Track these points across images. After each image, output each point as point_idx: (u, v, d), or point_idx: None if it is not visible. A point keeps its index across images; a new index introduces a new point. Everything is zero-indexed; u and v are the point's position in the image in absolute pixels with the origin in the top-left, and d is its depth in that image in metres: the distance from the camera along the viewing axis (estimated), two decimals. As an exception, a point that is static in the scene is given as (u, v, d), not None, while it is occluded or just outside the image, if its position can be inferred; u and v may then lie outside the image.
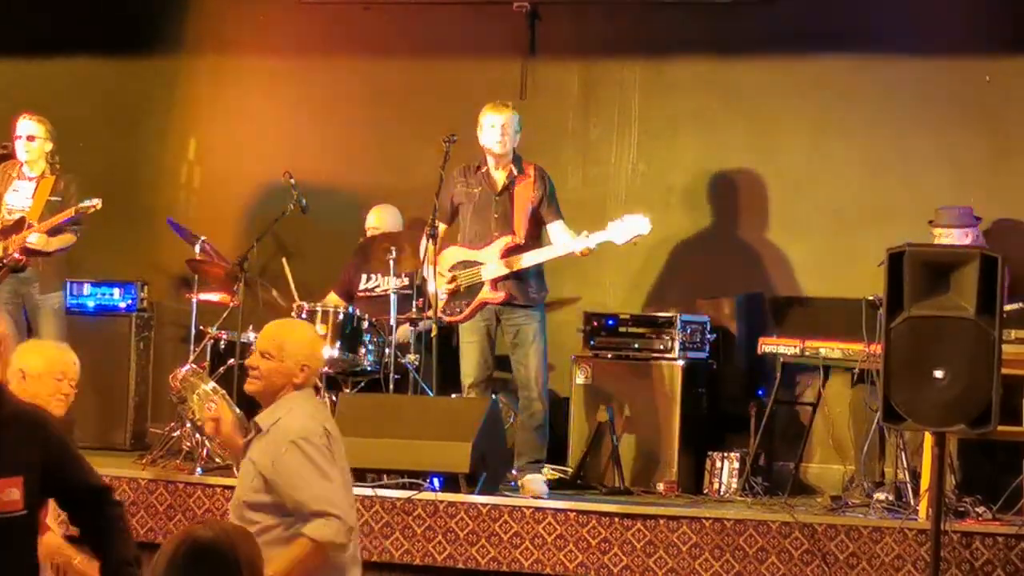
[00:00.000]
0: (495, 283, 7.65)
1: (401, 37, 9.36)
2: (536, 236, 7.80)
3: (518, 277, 7.66)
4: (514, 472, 7.78)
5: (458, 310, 7.74)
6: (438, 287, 7.73)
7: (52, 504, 4.84)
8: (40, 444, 4.00)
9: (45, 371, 5.08)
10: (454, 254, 7.82)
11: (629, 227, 7.59)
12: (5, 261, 8.28)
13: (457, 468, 7.18)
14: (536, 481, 7.45)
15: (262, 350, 4.83)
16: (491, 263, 7.68)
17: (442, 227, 7.84)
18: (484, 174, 7.79)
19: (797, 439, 8.11)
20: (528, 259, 7.65)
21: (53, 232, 8.27)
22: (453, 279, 7.74)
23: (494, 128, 7.68)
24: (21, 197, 8.42)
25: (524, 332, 7.64)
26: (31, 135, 8.40)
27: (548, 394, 7.77)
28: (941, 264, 6.11)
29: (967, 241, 7.63)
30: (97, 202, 8.17)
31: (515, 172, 7.74)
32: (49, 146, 8.44)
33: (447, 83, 9.26)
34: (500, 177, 7.76)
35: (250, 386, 4.86)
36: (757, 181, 8.86)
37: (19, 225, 8.30)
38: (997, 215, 8.11)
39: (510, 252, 7.67)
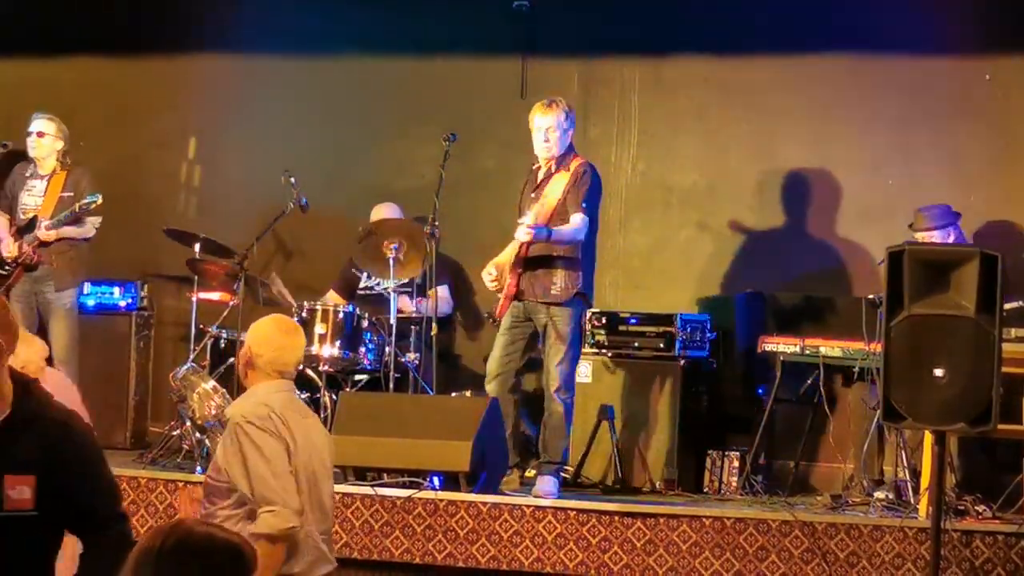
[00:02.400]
0: (515, 277, 7.46)
1: (401, 37, 9.36)
2: None
3: (535, 272, 7.45)
4: (509, 469, 7.72)
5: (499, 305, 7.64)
6: (484, 280, 7.60)
7: None
8: (53, 445, 3.82)
9: (38, 370, 5.09)
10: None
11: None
12: (20, 260, 8.32)
13: (457, 467, 7.18)
14: (544, 482, 7.41)
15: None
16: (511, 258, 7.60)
17: None
18: (534, 172, 7.63)
19: (797, 438, 8.12)
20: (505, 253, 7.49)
21: (59, 227, 8.32)
22: (498, 276, 7.56)
23: (539, 131, 7.46)
24: (35, 195, 8.49)
25: (547, 331, 7.45)
26: (41, 131, 8.48)
27: (569, 396, 7.47)
28: (941, 263, 6.10)
29: (950, 240, 7.62)
30: (98, 198, 8.21)
31: (554, 168, 7.52)
32: (60, 144, 8.52)
33: (447, 82, 9.26)
34: (542, 174, 7.59)
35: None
36: (757, 181, 8.86)
37: (32, 224, 8.35)
38: (997, 214, 8.12)
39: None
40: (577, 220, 7.40)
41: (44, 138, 8.48)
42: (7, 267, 8.38)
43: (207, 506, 4.88)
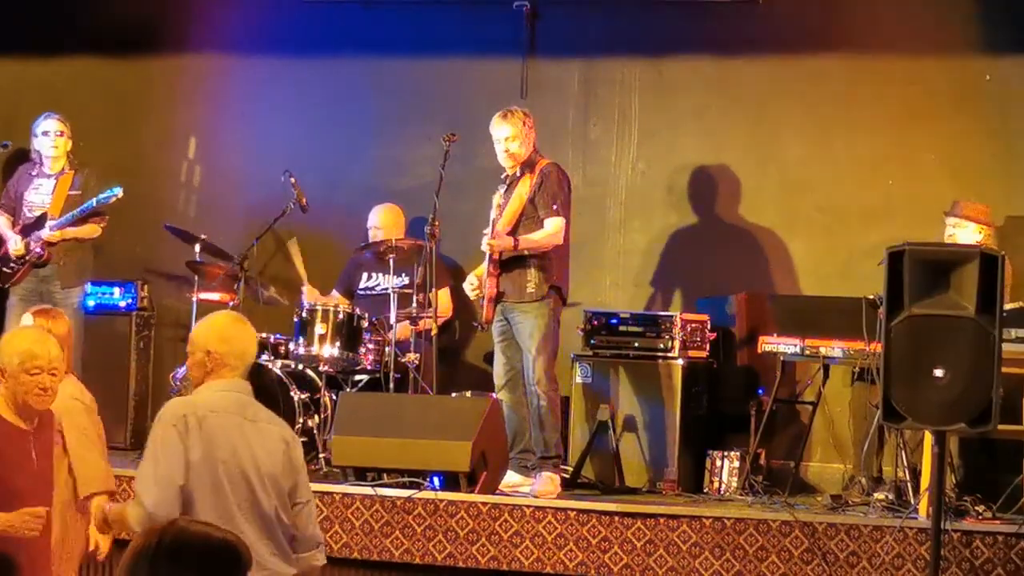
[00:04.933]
0: (493, 280, 7.56)
1: (401, 37, 9.36)
2: (530, 232, 7.55)
3: (510, 272, 7.54)
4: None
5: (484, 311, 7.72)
6: (467, 292, 7.79)
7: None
8: None
9: (17, 368, 5.06)
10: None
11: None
12: (28, 257, 8.33)
13: (457, 467, 7.19)
14: (543, 480, 7.42)
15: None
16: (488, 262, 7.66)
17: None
18: (504, 179, 7.77)
19: (797, 438, 8.12)
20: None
21: (68, 225, 8.34)
22: (479, 284, 7.71)
23: (499, 143, 7.63)
24: (42, 194, 8.52)
25: (520, 330, 7.55)
26: (60, 132, 8.51)
27: (551, 389, 7.52)
28: (941, 263, 6.10)
29: (979, 238, 7.61)
30: (119, 191, 8.24)
31: (518, 174, 7.66)
32: (70, 144, 8.55)
33: (447, 83, 9.26)
34: (509, 180, 7.72)
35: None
36: (757, 181, 8.86)
37: (40, 222, 8.38)
38: (997, 215, 8.11)
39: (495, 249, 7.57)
40: (551, 225, 7.53)
41: (63, 137, 8.53)
42: (13, 264, 8.40)
43: None
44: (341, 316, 8.08)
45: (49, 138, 8.50)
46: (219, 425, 4.61)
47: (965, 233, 7.64)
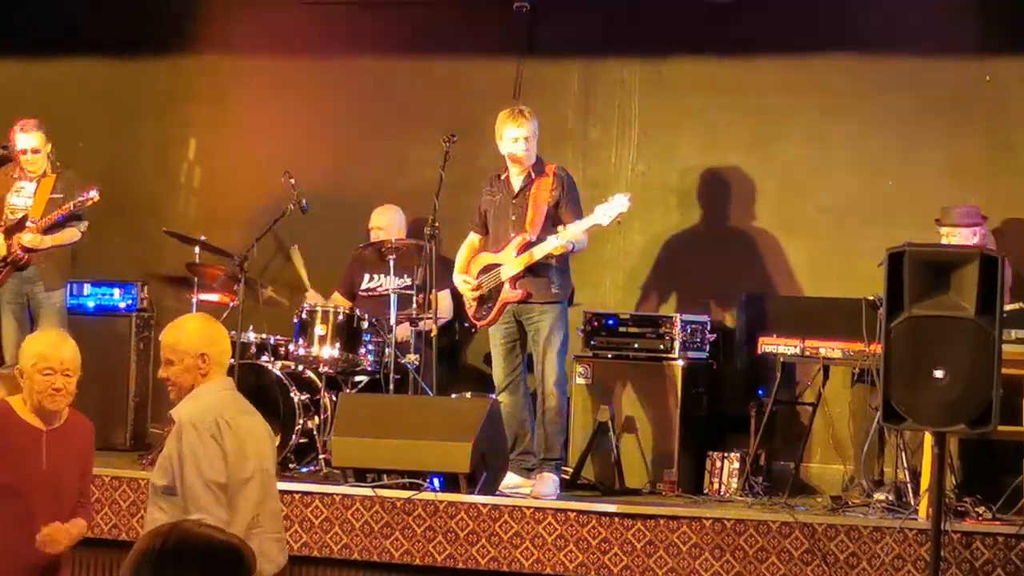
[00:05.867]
0: (513, 282, 7.57)
1: (401, 37, 9.36)
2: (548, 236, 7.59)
3: (537, 275, 7.55)
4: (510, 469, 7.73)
5: (485, 313, 7.70)
6: (465, 293, 7.79)
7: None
8: None
9: (31, 368, 5.18)
10: (482, 260, 7.79)
11: (612, 208, 7.45)
12: (8, 259, 8.33)
13: (457, 468, 7.19)
14: (544, 481, 7.43)
15: (163, 359, 4.84)
16: (508, 263, 7.65)
17: (477, 237, 7.88)
18: (505, 180, 7.76)
19: (797, 439, 8.12)
20: (517, 265, 7.57)
21: (50, 229, 8.31)
22: (478, 285, 7.72)
23: (517, 142, 7.60)
24: (24, 197, 8.48)
25: (539, 330, 7.54)
26: (35, 148, 8.44)
27: (564, 392, 7.59)
28: (941, 264, 6.10)
29: (975, 240, 7.60)
30: (94, 194, 8.20)
31: (533, 175, 7.66)
32: (48, 147, 8.50)
33: (446, 83, 9.26)
34: (518, 181, 7.70)
35: (171, 395, 4.86)
36: (757, 181, 8.86)
37: (22, 224, 8.35)
38: (997, 215, 8.11)
39: (524, 250, 7.58)
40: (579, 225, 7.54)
41: (38, 153, 8.45)
42: None
43: (149, 509, 4.81)
44: (341, 317, 8.08)
45: (27, 156, 8.43)
46: (238, 426, 4.70)
47: (959, 239, 7.62)
